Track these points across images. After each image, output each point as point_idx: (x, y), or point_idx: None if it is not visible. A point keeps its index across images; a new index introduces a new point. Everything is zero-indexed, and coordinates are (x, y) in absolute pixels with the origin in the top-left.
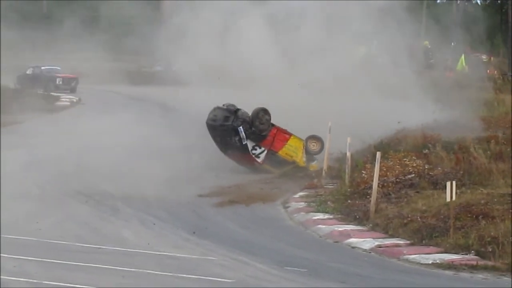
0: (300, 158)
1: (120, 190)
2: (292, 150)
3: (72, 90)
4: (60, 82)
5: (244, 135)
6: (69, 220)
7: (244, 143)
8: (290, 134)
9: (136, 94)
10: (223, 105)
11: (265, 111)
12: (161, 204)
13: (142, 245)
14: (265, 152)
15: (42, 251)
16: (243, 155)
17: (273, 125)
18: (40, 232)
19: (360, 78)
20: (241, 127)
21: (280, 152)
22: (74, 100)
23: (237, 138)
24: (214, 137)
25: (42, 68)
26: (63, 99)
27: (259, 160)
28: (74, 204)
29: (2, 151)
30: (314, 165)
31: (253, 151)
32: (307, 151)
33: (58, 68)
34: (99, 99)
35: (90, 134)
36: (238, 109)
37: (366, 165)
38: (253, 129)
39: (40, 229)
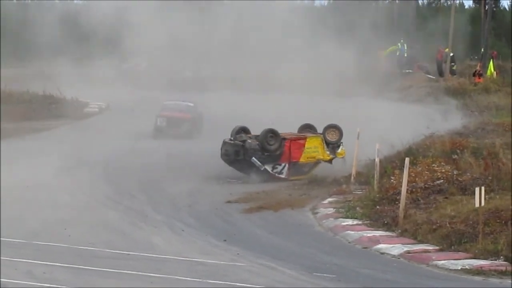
0: (323, 153)
1: (149, 196)
2: (312, 151)
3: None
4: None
5: (259, 163)
6: (99, 226)
7: (262, 169)
8: (305, 137)
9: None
10: (231, 137)
11: (271, 132)
12: (190, 210)
13: (171, 251)
14: (286, 166)
15: (72, 257)
16: (267, 176)
17: (284, 139)
18: (70, 238)
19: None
20: (253, 158)
21: (301, 160)
22: (103, 107)
23: (254, 169)
24: (235, 168)
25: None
26: (91, 106)
27: (282, 176)
28: (104, 210)
29: (34, 157)
30: (341, 152)
31: (274, 171)
32: (328, 142)
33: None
34: (126, 106)
35: (119, 139)
36: (244, 141)
37: (395, 171)
38: (266, 154)
39: (69, 236)
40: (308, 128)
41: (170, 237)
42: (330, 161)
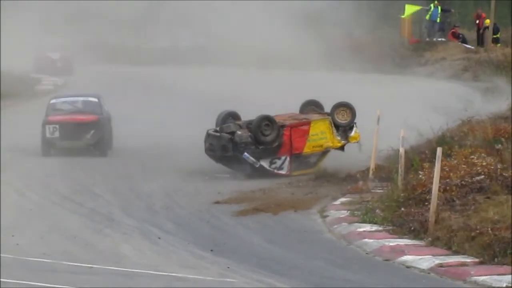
0: (332, 140)
1: (117, 195)
2: (319, 137)
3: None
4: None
5: (253, 159)
6: (55, 233)
7: (257, 166)
8: (309, 122)
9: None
10: (217, 127)
11: (266, 119)
12: (168, 213)
13: (144, 263)
14: (287, 159)
15: (21, 271)
16: (265, 172)
17: (282, 126)
18: (19, 247)
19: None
20: (245, 153)
21: (305, 150)
22: (59, 83)
23: (247, 166)
24: (222, 165)
25: None
26: (44, 83)
27: (283, 171)
28: (61, 213)
29: None
30: (354, 135)
31: (273, 166)
32: (338, 125)
33: None
34: (90, 82)
35: None
36: (233, 133)
37: (424, 164)
38: (261, 147)
39: (18, 244)
40: (312, 105)
41: (143, 246)
42: (341, 147)
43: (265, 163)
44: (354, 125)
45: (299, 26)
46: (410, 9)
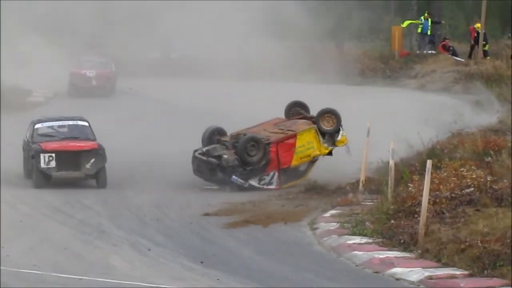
0: (319, 147)
1: (107, 207)
2: (306, 148)
3: None
4: None
5: (241, 181)
6: (45, 244)
7: (246, 186)
8: (295, 134)
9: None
10: (203, 147)
11: (252, 140)
12: (158, 225)
13: (134, 275)
14: (276, 175)
15: (11, 283)
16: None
17: (268, 143)
18: (9, 259)
19: None
20: (233, 176)
21: (293, 163)
22: (49, 95)
23: (237, 187)
24: (212, 183)
25: None
26: (35, 94)
27: (273, 186)
28: (51, 225)
29: None
30: (341, 139)
31: (262, 183)
32: (324, 132)
33: None
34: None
35: None
36: (220, 156)
37: (414, 177)
38: (248, 168)
39: (8, 256)
40: (298, 106)
41: (133, 258)
42: (329, 153)
43: (254, 182)
44: (341, 128)
45: (286, 38)
46: (408, 21)
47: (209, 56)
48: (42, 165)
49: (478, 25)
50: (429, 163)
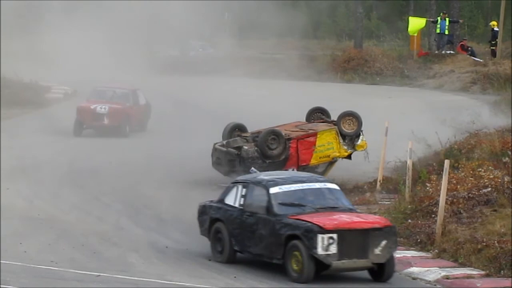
0: (339, 149)
1: (125, 204)
2: (325, 148)
3: None
4: None
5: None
6: (63, 241)
7: None
8: (315, 133)
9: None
10: (223, 140)
11: (272, 133)
12: (176, 222)
13: (151, 272)
14: (294, 171)
15: (29, 279)
16: None
17: (289, 139)
18: (26, 255)
19: None
20: (252, 168)
21: (312, 161)
22: (69, 92)
23: None
24: (230, 177)
25: None
26: (54, 90)
27: None
28: (69, 221)
29: None
30: (361, 143)
31: None
32: (344, 134)
33: None
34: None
35: (87, 134)
36: (239, 148)
37: (432, 177)
38: (268, 161)
39: (25, 252)
40: (319, 112)
41: (150, 255)
42: (349, 156)
43: None
44: (361, 133)
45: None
46: (414, 24)
47: (229, 54)
48: (320, 251)
49: (493, 22)
50: (446, 163)
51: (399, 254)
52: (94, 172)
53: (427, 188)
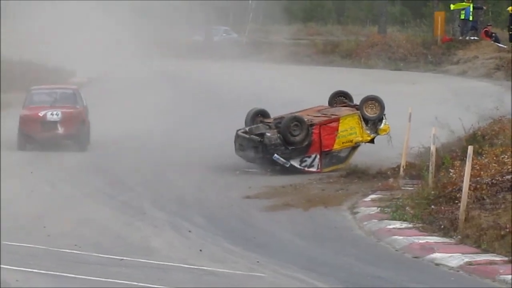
0: (361, 134)
1: (149, 188)
2: (348, 133)
3: None
4: None
5: (283, 160)
6: (86, 224)
7: (287, 166)
8: (338, 118)
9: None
10: (246, 126)
11: (295, 120)
12: (199, 207)
13: (174, 257)
14: (317, 157)
15: (52, 263)
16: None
17: (311, 125)
18: (50, 239)
19: None
20: (275, 155)
21: (335, 147)
22: (93, 76)
23: (278, 167)
24: (254, 163)
25: None
26: (79, 75)
27: (314, 169)
28: (92, 205)
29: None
30: (384, 127)
31: (303, 164)
32: (367, 119)
33: None
34: (124, 76)
35: (111, 120)
36: (262, 134)
37: (455, 163)
38: (291, 147)
39: (49, 235)
40: (342, 96)
41: (174, 240)
42: (372, 140)
43: (295, 162)
44: (384, 117)
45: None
46: (458, 4)
47: (252, 39)
48: None
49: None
50: (470, 149)
51: (421, 240)
52: (117, 157)
53: (451, 174)
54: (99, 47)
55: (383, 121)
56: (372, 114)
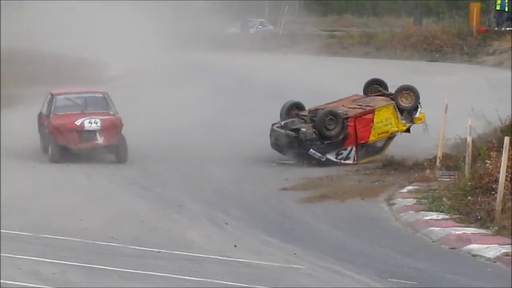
0: (397, 124)
1: (185, 181)
2: (384, 124)
3: None
4: None
5: (319, 155)
6: (122, 217)
7: (324, 160)
8: (373, 109)
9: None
10: (281, 120)
11: (330, 114)
12: (236, 199)
13: (211, 249)
14: (353, 149)
15: (88, 255)
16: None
17: (346, 118)
18: (86, 231)
19: None
20: (311, 150)
21: (371, 138)
22: (128, 69)
23: (314, 161)
24: (289, 157)
25: None
26: (113, 67)
27: (350, 161)
28: (128, 198)
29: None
30: (419, 116)
31: (339, 157)
32: (402, 108)
33: None
34: (159, 69)
35: (148, 112)
36: (297, 129)
37: (491, 153)
38: (326, 142)
39: (86, 228)
40: (377, 84)
41: (210, 232)
42: (407, 130)
43: (331, 156)
44: (419, 106)
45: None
46: None
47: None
48: None
49: None
50: (506, 140)
51: (458, 231)
52: (153, 149)
53: (487, 165)
54: (131, 39)
55: (419, 109)
56: (407, 103)
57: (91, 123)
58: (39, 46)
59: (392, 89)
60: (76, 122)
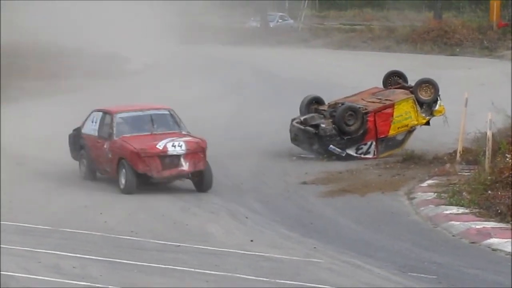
0: (417, 117)
1: None
2: (403, 118)
3: None
4: None
5: (339, 150)
6: (142, 211)
7: (344, 155)
8: (392, 103)
9: (225, 57)
10: (301, 115)
11: (349, 109)
12: (256, 193)
13: (231, 243)
14: (373, 144)
15: (108, 249)
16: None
17: (366, 113)
18: (106, 225)
19: None
20: (330, 146)
21: (391, 132)
22: (148, 63)
23: (334, 157)
24: (309, 152)
25: None
26: (133, 62)
27: (370, 156)
28: (149, 192)
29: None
30: (439, 109)
31: (359, 152)
32: (421, 101)
33: None
34: (178, 63)
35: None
36: (317, 126)
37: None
38: (346, 137)
39: (106, 222)
40: (396, 76)
41: (230, 226)
42: (427, 123)
43: (351, 151)
44: (438, 98)
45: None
46: None
47: (308, 25)
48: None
49: None
50: None
51: (478, 225)
52: None
53: (507, 159)
54: (150, 33)
55: (438, 102)
56: (426, 97)
57: (174, 146)
58: (59, 40)
59: (412, 83)
60: (158, 146)
